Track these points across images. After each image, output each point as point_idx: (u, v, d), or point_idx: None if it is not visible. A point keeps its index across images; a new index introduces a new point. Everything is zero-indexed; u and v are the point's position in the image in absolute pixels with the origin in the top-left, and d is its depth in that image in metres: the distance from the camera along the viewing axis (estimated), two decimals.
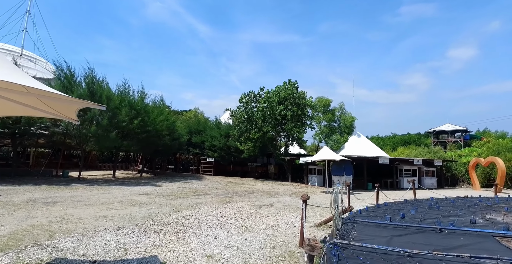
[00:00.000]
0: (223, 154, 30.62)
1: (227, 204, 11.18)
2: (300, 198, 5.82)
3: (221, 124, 33.65)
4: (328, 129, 29.51)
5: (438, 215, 9.94)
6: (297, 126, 25.61)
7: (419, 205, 12.22)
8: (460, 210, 11.08)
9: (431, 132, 58.99)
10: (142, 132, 20.27)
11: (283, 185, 22.01)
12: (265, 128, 25.28)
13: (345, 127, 29.87)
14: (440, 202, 12.77)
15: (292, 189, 19.25)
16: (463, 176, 28.33)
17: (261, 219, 8.46)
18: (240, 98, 26.77)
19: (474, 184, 23.73)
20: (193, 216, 8.38)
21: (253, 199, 12.93)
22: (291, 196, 15.00)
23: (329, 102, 29.80)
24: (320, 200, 13.75)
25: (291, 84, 26.65)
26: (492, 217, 9.97)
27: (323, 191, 18.23)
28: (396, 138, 64.32)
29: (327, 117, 29.32)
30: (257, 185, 21.61)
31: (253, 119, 26.02)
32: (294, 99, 25.82)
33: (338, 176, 21.15)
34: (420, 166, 23.93)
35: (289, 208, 10.75)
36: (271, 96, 25.90)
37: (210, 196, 13.45)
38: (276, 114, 25.39)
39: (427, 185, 24.21)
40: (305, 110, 26.33)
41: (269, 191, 17.27)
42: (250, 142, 26.19)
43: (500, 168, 20.99)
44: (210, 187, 18.01)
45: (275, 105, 25.49)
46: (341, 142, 28.84)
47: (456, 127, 56.06)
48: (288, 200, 13.06)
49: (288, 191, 17.37)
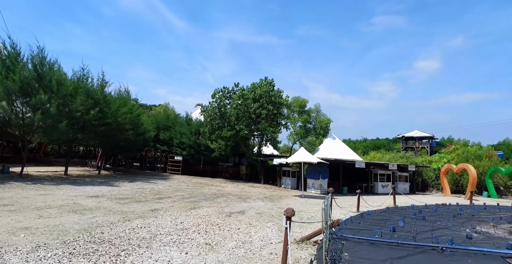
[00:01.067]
0: (192, 152, 28.75)
1: (191, 210, 9.58)
2: (284, 213, 4.42)
3: (192, 121, 31.72)
4: (303, 131, 28.57)
5: (428, 227, 9.02)
6: (272, 126, 24.39)
7: (403, 213, 11.34)
8: (448, 220, 10.31)
9: (400, 137, 60.41)
10: (100, 124, 18.02)
11: (255, 187, 20.64)
12: (238, 126, 23.80)
13: (320, 129, 29.08)
14: (423, 211, 12.01)
15: (265, 192, 17.93)
16: (433, 181, 28.55)
17: (231, 232, 6.98)
18: (213, 93, 25.10)
19: (445, 190, 23.74)
20: (145, 229, 6.73)
21: (222, 204, 11.40)
22: (264, 200, 13.64)
23: (305, 102, 28.90)
24: (296, 205, 12.50)
25: (268, 82, 25.40)
26: (483, 229, 9.20)
27: (297, 195, 17.06)
28: (367, 142, 65.38)
29: (302, 118, 28.37)
30: (227, 186, 20.08)
31: (226, 116, 24.45)
32: (270, 97, 24.58)
33: (313, 179, 20.13)
34: (394, 171, 23.57)
35: (263, 216, 9.35)
36: (246, 93, 24.49)
37: (173, 200, 11.75)
38: (250, 112, 24.00)
39: (400, 190, 23.88)
40: (281, 109, 25.18)
41: (240, 194, 15.81)
42: (222, 140, 24.60)
43: (472, 175, 21.00)
44: (175, 189, 16.23)
45: (250, 103, 24.10)
46: (316, 144, 28.00)
47: (423, 134, 57.76)
48: (262, 206, 11.68)
49: (260, 195, 16.01)
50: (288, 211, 4.37)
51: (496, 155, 28.20)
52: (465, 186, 26.42)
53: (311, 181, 20.30)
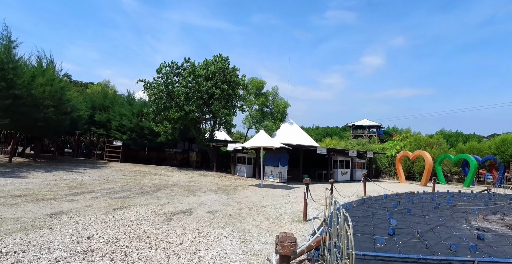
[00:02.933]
0: (134, 137, 25.06)
1: (114, 212, 6.82)
2: (278, 249, 2.02)
3: (135, 101, 27.75)
4: (260, 114, 26.48)
5: (423, 224, 7.39)
6: (226, 107, 21.79)
7: (383, 206, 9.79)
8: (434, 213, 8.96)
9: (350, 125, 61.73)
10: (5, 96, 13.89)
11: (206, 176, 18.11)
12: (188, 107, 20.80)
13: (277, 113, 27.23)
14: (401, 202, 10.64)
15: (217, 181, 15.51)
16: (386, 168, 28.58)
17: (167, 252, 4.47)
18: (159, 68, 21.61)
19: (400, 177, 23.58)
20: (15, 255, 3.92)
21: (163, 200, 8.74)
22: (217, 192, 11.23)
23: (263, 84, 26.70)
24: (256, 198, 10.31)
25: (222, 59, 22.58)
26: (481, 224, 7.94)
27: (255, 185, 14.94)
28: (319, 130, 65.96)
29: (259, 100, 26.19)
30: (174, 175, 17.26)
31: (173, 95, 21.24)
32: (225, 75, 21.87)
33: (272, 166, 18.19)
34: (353, 158, 22.68)
35: (217, 218, 6.96)
36: (198, 70, 21.45)
37: (94, 196, 8.77)
38: (202, 91, 21.10)
39: (358, 177, 23.19)
40: (237, 90, 22.63)
41: (189, 185, 13.18)
42: (169, 122, 21.43)
43: (428, 162, 20.83)
44: (106, 180, 13.04)
45: (202, 81, 21.16)
46: (273, 128, 26.15)
47: (372, 123, 59.61)
48: (215, 201, 9.26)
49: (213, 185, 13.56)
50: (284, 245, 1.98)
51: (444, 143, 29.10)
52: (416, 173, 26.80)
53: (269, 168, 18.36)
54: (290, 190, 13.58)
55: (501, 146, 24.77)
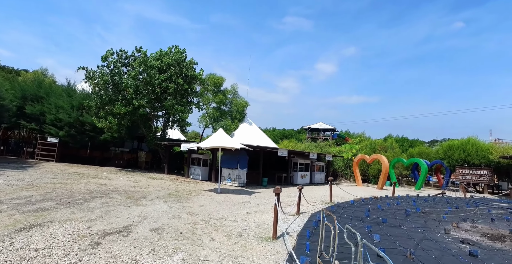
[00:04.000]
0: (73, 133, 22.01)
1: (17, 235, 4.92)
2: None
3: (76, 93, 24.53)
4: (217, 113, 24.91)
5: (405, 237, 6.55)
6: (181, 103, 19.90)
7: (355, 215, 8.90)
8: (409, 223, 8.28)
9: (307, 128, 62.48)
10: None
11: (156, 179, 16.11)
12: (137, 101, 18.57)
13: (236, 112, 25.91)
14: (372, 211, 9.86)
15: (168, 185, 13.68)
16: (342, 171, 28.68)
17: None
18: (104, 55, 19.03)
19: (357, 180, 23.57)
20: None
21: (94, 213, 6.89)
22: (167, 200, 9.52)
23: (221, 81, 25.18)
24: (214, 207, 8.82)
25: (178, 51, 20.64)
26: (461, 235, 7.35)
27: (211, 189, 13.40)
28: (276, 131, 65.89)
29: (217, 98, 24.63)
30: (117, 178, 15.02)
31: (120, 87, 18.85)
32: (181, 69, 19.98)
33: (230, 168, 16.76)
34: (313, 160, 22.12)
35: (163, 238, 5.38)
36: (151, 61, 19.29)
37: None
38: (154, 85, 19.01)
39: (317, 180, 22.73)
40: (193, 85, 20.83)
41: (134, 190, 11.24)
42: (114, 118, 18.98)
43: (385, 165, 20.94)
44: (26, 184, 10.58)
45: (155, 73, 19.06)
46: (231, 128, 24.73)
47: (327, 126, 60.95)
48: (163, 212, 7.60)
49: (163, 190, 11.75)
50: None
51: (397, 147, 30.06)
52: (371, 176, 27.19)
53: (227, 170, 16.90)
54: (251, 196, 12.27)
55: (448, 150, 26.05)
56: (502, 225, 8.98)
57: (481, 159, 24.13)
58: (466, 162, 24.66)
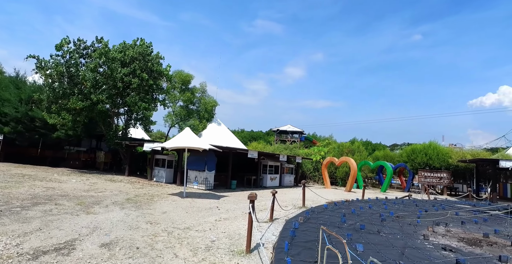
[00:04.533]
0: (21, 129, 19.80)
1: None
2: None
3: (26, 85, 22.14)
4: (184, 112, 23.71)
5: (387, 245, 6.12)
6: (145, 100, 18.56)
7: (331, 220, 8.40)
8: (391, 230, 7.91)
9: (275, 130, 62.47)
10: None
11: (114, 182, 14.71)
12: (96, 96, 16.98)
13: (205, 112, 24.88)
14: (347, 215, 9.44)
15: (128, 189, 12.43)
16: (311, 173, 28.62)
17: None
18: (59, 44, 17.21)
19: (326, 182, 23.51)
20: None
21: (32, 225, 5.72)
22: (124, 206, 8.42)
23: (190, 78, 24.04)
24: (178, 214, 7.89)
25: (144, 43, 19.28)
26: (439, 241, 7.09)
27: (176, 193, 12.37)
28: (244, 133, 65.28)
29: (185, 96, 23.45)
30: (69, 181, 13.46)
31: (77, 80, 17.14)
32: (146, 63, 18.66)
33: (197, 170, 15.76)
34: (283, 162, 21.68)
35: (115, 257, 4.43)
36: (113, 53, 17.78)
37: None
38: (116, 79, 17.53)
39: (286, 182, 22.31)
40: (159, 81, 19.55)
41: (86, 195, 9.94)
42: (68, 113, 17.21)
43: (353, 168, 21.02)
44: None
45: (117, 67, 17.58)
46: (199, 128, 23.65)
47: (295, 129, 61.36)
48: (118, 222, 6.57)
49: (121, 195, 10.55)
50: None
51: (364, 150, 30.62)
52: (338, 178, 27.36)
53: (193, 173, 15.87)
54: (219, 200, 11.43)
55: (411, 154, 26.90)
56: (473, 228, 8.97)
57: (442, 162, 25.14)
58: (427, 165, 25.58)
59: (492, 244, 7.07)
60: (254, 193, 5.44)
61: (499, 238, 7.75)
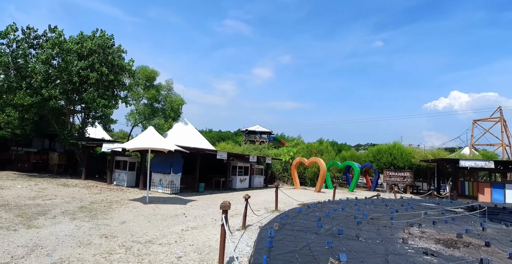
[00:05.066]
0: None
1: None
2: None
3: None
4: (149, 110, 22.35)
5: (368, 251, 5.75)
6: (104, 97, 17.10)
7: (308, 226, 7.93)
8: (368, 234, 7.60)
9: (243, 130, 61.87)
10: None
11: (68, 187, 13.27)
12: (48, 91, 15.32)
13: (171, 110, 23.68)
14: (322, 219, 9.04)
15: (84, 194, 11.17)
16: (280, 174, 28.38)
17: None
18: (4, 31, 15.31)
19: (296, 183, 23.33)
20: None
21: None
22: (76, 216, 7.36)
23: (155, 74, 22.73)
24: (140, 224, 7.01)
25: (104, 35, 17.80)
26: (418, 244, 6.87)
27: (138, 198, 11.33)
28: (212, 133, 64.07)
29: (150, 93, 22.11)
30: (14, 187, 11.88)
31: (26, 73, 15.35)
32: (106, 56, 17.21)
33: (162, 173, 14.71)
34: (253, 163, 21.13)
35: None
36: (68, 44, 16.16)
37: None
38: (72, 72, 15.96)
39: (256, 184, 21.79)
40: (121, 76, 18.14)
41: (31, 203, 8.66)
42: (15, 110, 15.36)
43: (322, 169, 21.00)
44: None
45: (73, 59, 16.02)
46: (164, 128, 22.42)
47: (264, 129, 61.18)
48: (66, 237, 5.58)
49: (74, 202, 9.36)
50: None
51: (332, 150, 30.96)
52: (307, 178, 27.34)
53: (158, 175, 14.79)
54: (186, 206, 10.59)
55: (377, 154, 27.60)
56: (444, 227, 9.01)
57: (405, 162, 26.01)
58: (392, 164, 26.34)
59: (467, 245, 7.01)
60: (227, 202, 4.77)
61: (472, 237, 7.76)
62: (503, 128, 31.03)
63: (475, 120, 33.30)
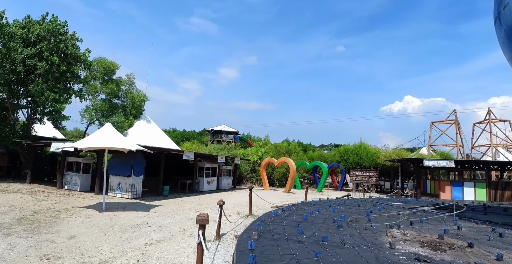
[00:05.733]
0: None
1: None
2: None
3: None
4: (107, 106, 20.46)
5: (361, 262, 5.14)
6: (55, 90, 15.17)
7: (290, 234, 7.24)
8: (352, 239, 7.06)
9: (209, 130, 60.36)
10: None
11: (8, 193, 11.41)
12: None
13: (132, 107, 21.94)
14: (301, 224, 8.39)
15: (25, 202, 9.54)
16: (248, 174, 27.63)
17: None
18: None
19: (265, 184, 22.71)
20: None
21: None
22: (12, 232, 5.99)
23: (114, 67, 20.88)
24: (91, 238, 5.83)
25: (55, 20, 15.83)
26: (406, 249, 6.43)
27: (93, 205, 9.94)
28: (177, 133, 61.71)
29: (108, 88, 20.24)
30: None
31: None
32: (58, 44, 15.29)
33: (121, 176, 13.27)
34: (221, 164, 20.15)
35: None
36: (12, 28, 14.08)
37: None
38: (15, 61, 13.95)
39: (224, 185, 20.84)
40: (75, 67, 16.23)
41: None
42: None
43: (292, 169, 20.60)
44: None
45: (17, 46, 13.99)
46: (124, 126, 20.65)
47: (230, 129, 60.13)
48: None
49: (12, 212, 7.82)
50: None
51: (300, 151, 30.84)
52: (276, 179, 26.87)
53: (117, 178, 13.31)
54: (150, 212, 9.43)
55: (344, 154, 27.87)
56: (422, 228, 8.85)
57: (371, 162, 26.51)
58: (359, 164, 26.72)
59: (451, 246, 6.78)
60: (204, 215, 3.89)
61: (452, 238, 7.62)
62: (457, 130, 32.99)
63: (433, 122, 35.11)
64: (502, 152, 32.00)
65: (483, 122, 33.01)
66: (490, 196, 20.36)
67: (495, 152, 32.11)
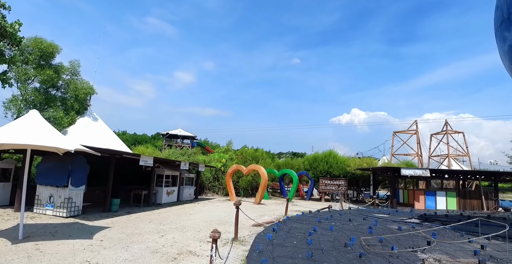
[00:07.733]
0: None
1: None
2: None
3: None
4: (42, 97, 16.48)
5: None
6: None
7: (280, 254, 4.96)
8: (337, 254, 5.02)
9: (164, 134, 56.03)
10: None
11: None
12: None
13: (75, 101, 18.15)
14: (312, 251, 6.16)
15: None
16: (210, 183, 24.87)
17: None
18: None
19: (231, 194, 20.14)
20: None
21: None
22: None
23: (54, 49, 16.96)
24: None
25: None
26: None
27: (5, 230, 6.72)
28: (127, 136, 56.26)
29: (44, 74, 16.29)
30: None
31: None
32: None
33: (53, 186, 9.92)
34: (183, 172, 17.27)
35: None
36: None
37: None
38: None
39: (186, 196, 17.93)
40: None
41: None
42: None
43: (264, 177, 18.43)
44: None
45: None
46: (63, 122, 16.79)
47: (187, 134, 56.45)
48: None
49: None
50: None
51: (268, 158, 28.81)
52: (241, 188, 24.44)
53: (47, 189, 9.92)
54: (93, 240, 6.51)
55: (313, 162, 26.48)
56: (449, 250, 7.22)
57: (340, 171, 25.42)
58: (328, 173, 25.47)
59: None
60: None
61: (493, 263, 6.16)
62: (418, 140, 33.74)
63: (395, 132, 35.65)
64: (456, 162, 33.31)
65: (440, 133, 34.15)
66: (460, 205, 20.22)
67: (448, 162, 33.32)
